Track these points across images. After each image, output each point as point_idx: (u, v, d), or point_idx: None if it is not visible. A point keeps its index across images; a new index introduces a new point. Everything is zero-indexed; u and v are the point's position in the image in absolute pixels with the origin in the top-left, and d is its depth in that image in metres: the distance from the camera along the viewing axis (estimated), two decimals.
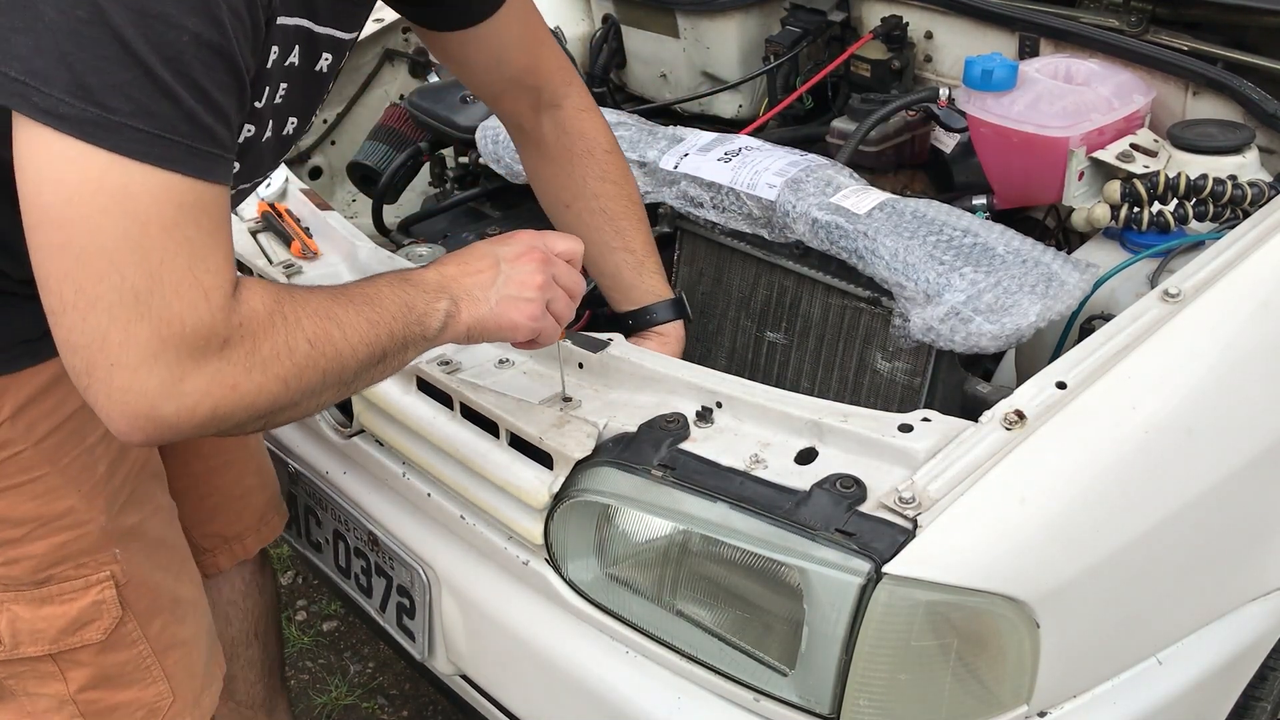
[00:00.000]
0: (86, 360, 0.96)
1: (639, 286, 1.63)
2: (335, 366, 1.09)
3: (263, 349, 1.03)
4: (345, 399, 1.49)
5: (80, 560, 1.36)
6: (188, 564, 1.55)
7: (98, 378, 0.97)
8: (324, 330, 1.08)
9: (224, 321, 1.00)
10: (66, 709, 1.41)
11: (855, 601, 1.14)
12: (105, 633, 1.39)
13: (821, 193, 1.59)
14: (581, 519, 1.35)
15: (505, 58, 1.58)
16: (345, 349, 1.10)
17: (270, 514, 1.83)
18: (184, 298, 0.97)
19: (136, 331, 0.95)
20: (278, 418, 1.09)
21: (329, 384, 1.10)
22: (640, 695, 1.33)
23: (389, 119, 2.29)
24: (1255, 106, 1.68)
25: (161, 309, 0.96)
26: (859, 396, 1.61)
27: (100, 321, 0.95)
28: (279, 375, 1.04)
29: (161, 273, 0.96)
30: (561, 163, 1.62)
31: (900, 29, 2.10)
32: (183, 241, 0.97)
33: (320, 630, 2.70)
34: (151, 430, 0.99)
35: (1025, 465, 1.19)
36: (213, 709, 1.55)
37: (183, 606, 1.50)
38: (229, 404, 1.01)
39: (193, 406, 0.99)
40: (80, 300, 0.95)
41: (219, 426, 1.03)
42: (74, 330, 0.96)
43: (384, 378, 1.20)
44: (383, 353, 1.15)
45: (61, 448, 1.32)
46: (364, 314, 1.13)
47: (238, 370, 1.01)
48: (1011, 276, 1.44)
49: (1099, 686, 1.30)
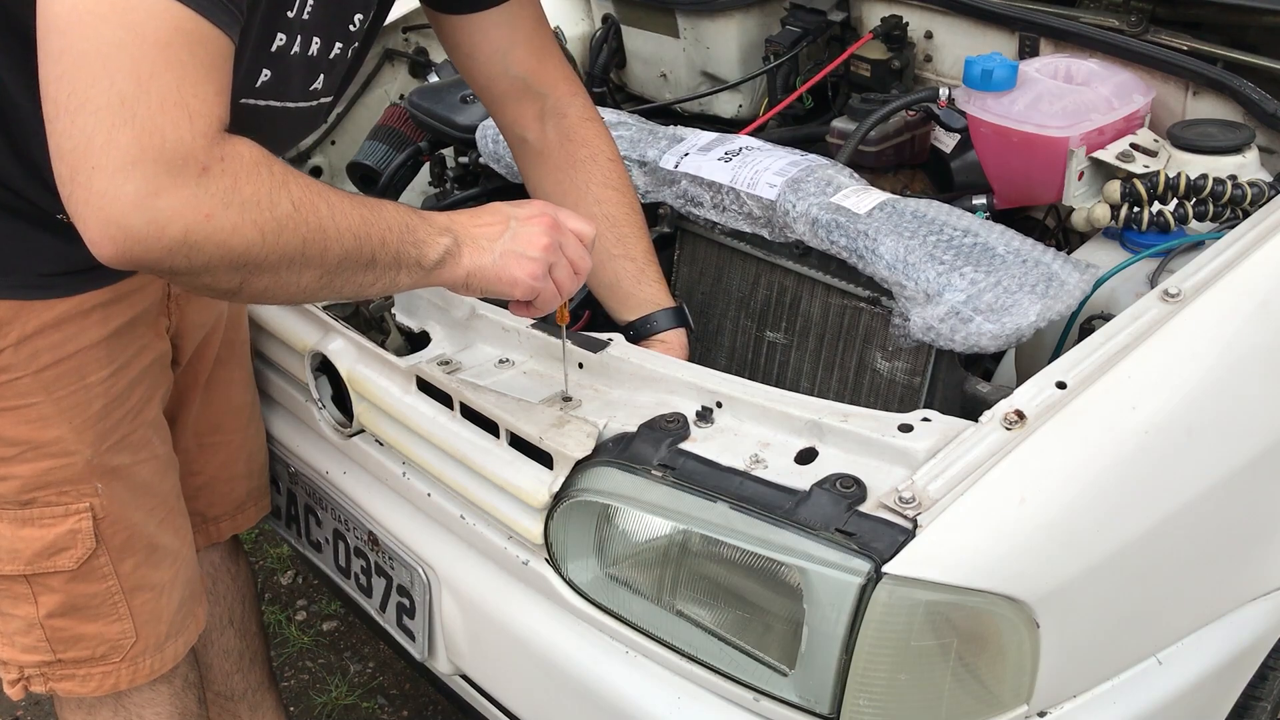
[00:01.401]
0: (71, 164, 0.99)
1: (639, 295, 1.63)
2: (317, 240, 1.10)
3: (243, 190, 1.04)
4: (340, 301, 1.50)
5: (63, 488, 1.44)
6: (176, 516, 1.61)
7: (79, 183, 0.99)
8: (310, 200, 1.10)
9: (205, 148, 1.02)
10: (35, 632, 1.51)
11: (855, 601, 1.14)
12: (78, 562, 1.47)
13: (822, 192, 1.59)
14: (581, 519, 1.35)
15: (512, 55, 1.58)
16: (330, 228, 1.11)
17: (249, 504, 1.88)
18: (168, 113, 1.00)
19: (119, 136, 0.98)
20: (254, 279, 1.09)
21: (310, 259, 1.11)
22: (640, 695, 1.33)
23: (389, 119, 2.29)
24: (1255, 106, 1.68)
25: (145, 119, 0.99)
26: (859, 396, 1.61)
27: (87, 124, 0.98)
28: (256, 222, 1.05)
29: (150, 84, 0.99)
30: (565, 169, 1.63)
31: (900, 29, 2.10)
32: (174, 62, 1.00)
33: (320, 630, 2.70)
34: (121, 240, 1.00)
35: (1025, 465, 1.19)
36: (177, 660, 1.62)
37: (159, 553, 1.56)
38: (201, 233, 1.02)
39: (163, 224, 1.00)
40: (72, 102, 0.99)
41: (190, 258, 1.03)
42: (64, 134, 0.99)
43: (376, 292, 1.21)
44: (371, 256, 1.16)
45: (59, 380, 1.40)
46: (359, 210, 1.15)
47: (214, 201, 1.02)
48: (1011, 276, 1.44)
49: (1099, 686, 1.30)
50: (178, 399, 1.69)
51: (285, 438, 1.86)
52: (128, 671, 1.56)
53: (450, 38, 1.60)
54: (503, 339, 1.55)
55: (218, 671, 1.97)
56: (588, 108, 1.65)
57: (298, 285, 1.13)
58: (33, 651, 1.52)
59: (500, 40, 1.57)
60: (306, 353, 1.68)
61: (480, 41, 1.57)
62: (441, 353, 1.56)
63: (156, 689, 1.63)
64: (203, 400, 1.73)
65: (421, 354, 1.57)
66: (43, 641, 1.51)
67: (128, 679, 1.56)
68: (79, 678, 1.55)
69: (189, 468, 1.73)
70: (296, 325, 1.72)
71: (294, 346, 1.72)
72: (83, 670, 1.54)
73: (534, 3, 1.59)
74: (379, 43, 2.46)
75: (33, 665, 1.53)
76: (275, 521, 1.98)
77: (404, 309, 1.68)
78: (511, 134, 1.68)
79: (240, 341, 1.78)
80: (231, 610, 1.95)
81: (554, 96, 1.63)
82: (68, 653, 1.53)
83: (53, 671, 1.54)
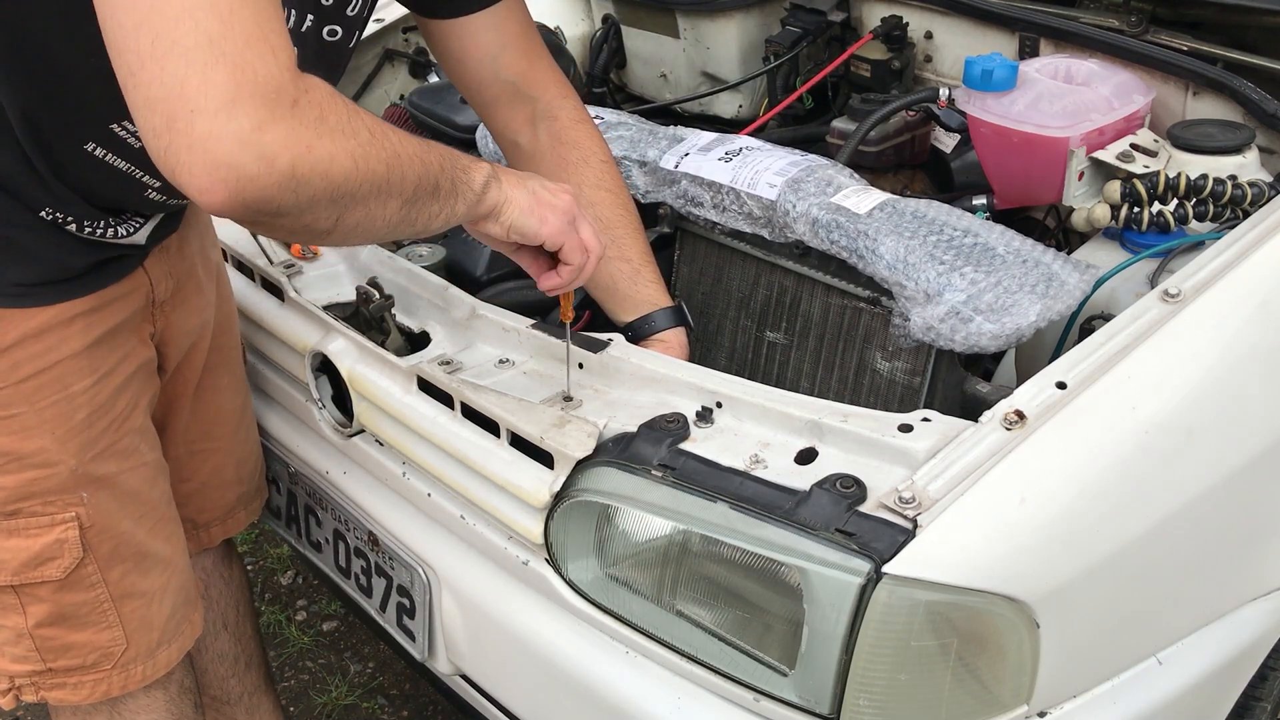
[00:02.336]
0: (166, 113, 0.97)
1: (635, 296, 1.63)
2: (397, 166, 1.11)
3: (329, 119, 1.04)
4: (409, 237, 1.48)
5: (48, 498, 1.43)
6: (167, 523, 1.60)
7: (179, 130, 0.96)
8: (380, 128, 1.10)
9: (292, 80, 1.01)
10: (24, 642, 1.50)
11: (855, 601, 1.14)
12: (65, 571, 1.46)
13: (822, 192, 1.59)
14: (582, 519, 1.35)
15: (501, 59, 1.58)
16: (403, 153, 1.12)
17: (239, 509, 1.88)
18: (254, 48, 0.98)
19: (214, 75, 0.96)
20: (349, 213, 1.09)
21: (393, 186, 1.11)
22: (640, 695, 1.33)
23: (389, 119, 2.29)
24: (1255, 106, 1.68)
25: (235, 55, 0.97)
26: (859, 396, 1.61)
27: (178, 67, 0.96)
28: (347, 149, 1.05)
29: (233, 20, 0.97)
30: (557, 172, 1.62)
31: (900, 29, 2.10)
32: (248, 0, 0.99)
33: (320, 630, 2.70)
34: (233, 182, 0.98)
35: (1025, 465, 1.19)
36: (170, 666, 1.62)
37: (149, 561, 1.55)
38: (306, 164, 1.01)
39: (272, 158, 0.98)
40: (157, 48, 0.96)
41: (297, 193, 1.02)
42: (153, 82, 0.96)
43: (439, 225, 1.21)
44: (436, 181, 1.17)
45: (41, 390, 1.39)
46: (413, 140, 1.15)
47: (310, 131, 1.01)
48: (1011, 276, 1.44)
49: (1099, 686, 1.30)
50: (167, 406, 1.69)
51: (285, 438, 1.86)
52: (119, 678, 1.56)
53: (439, 44, 1.61)
54: (503, 339, 1.55)
55: (213, 676, 1.96)
56: (579, 110, 1.66)
57: (384, 218, 1.13)
58: (23, 661, 1.51)
59: (488, 44, 1.57)
60: (307, 353, 1.68)
61: (469, 46, 1.58)
62: (442, 353, 1.56)
63: (151, 695, 1.63)
64: (192, 407, 1.73)
65: (422, 354, 1.57)
66: (32, 651, 1.51)
67: (119, 686, 1.56)
68: (70, 686, 1.54)
69: (179, 474, 1.72)
70: (297, 325, 1.72)
71: (294, 346, 1.72)
72: (74, 678, 1.54)
73: (521, 6, 1.59)
74: (379, 43, 2.46)
75: (23, 675, 1.53)
76: (275, 521, 1.98)
77: (404, 309, 1.68)
78: (503, 138, 1.69)
79: (230, 347, 1.78)
80: (225, 615, 1.95)
81: (544, 100, 1.63)
82: (58, 661, 1.52)
83: (44, 680, 1.53)
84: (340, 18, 1.36)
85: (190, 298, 1.63)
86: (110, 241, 1.43)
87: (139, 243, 1.46)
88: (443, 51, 1.61)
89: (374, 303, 1.64)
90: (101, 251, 1.43)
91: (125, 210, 1.43)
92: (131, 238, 1.45)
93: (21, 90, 1.27)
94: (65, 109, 1.28)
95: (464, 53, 1.59)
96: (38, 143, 1.31)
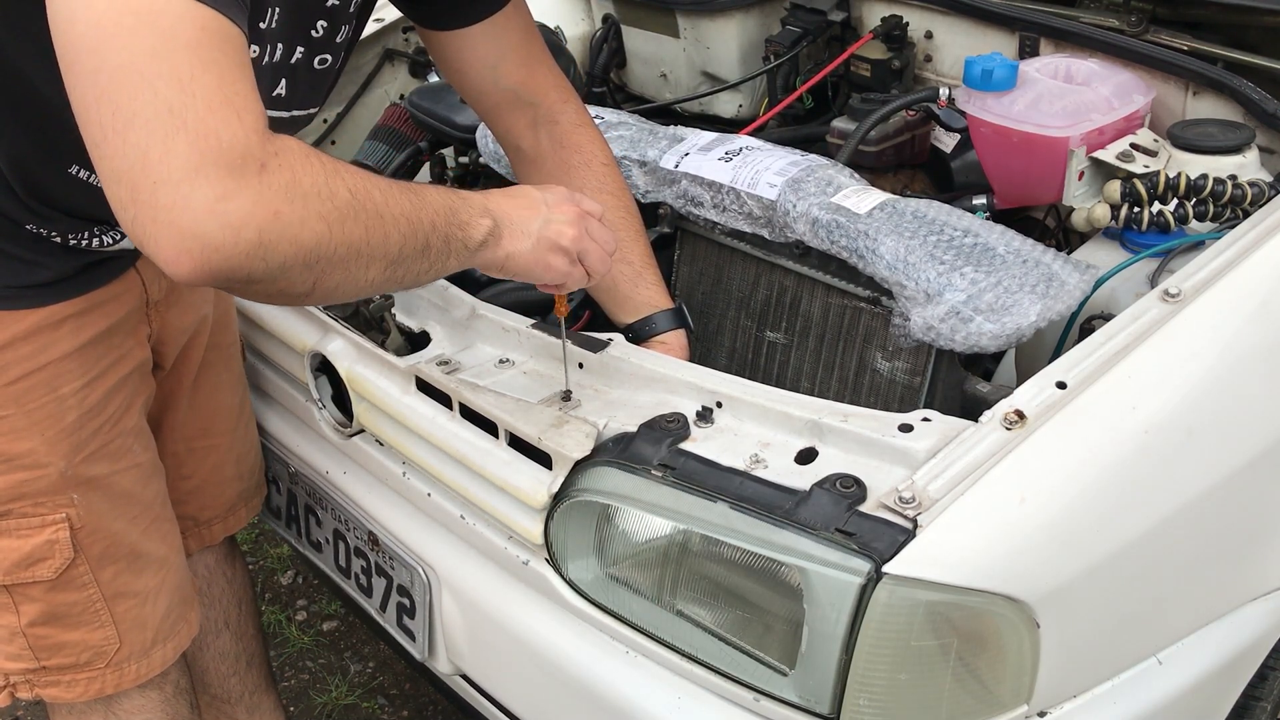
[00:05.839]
0: (130, 185, 0.96)
1: (635, 298, 1.63)
2: (378, 228, 1.08)
3: (303, 182, 1.01)
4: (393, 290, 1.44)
5: (37, 500, 1.44)
6: (162, 523, 1.61)
7: (143, 201, 0.95)
8: (364, 187, 1.07)
9: (259, 144, 0.99)
10: (17, 641, 1.51)
11: (855, 601, 1.14)
12: (56, 572, 1.47)
13: (822, 192, 1.59)
14: (581, 519, 1.35)
15: (501, 68, 1.58)
16: (387, 213, 1.08)
17: (240, 506, 1.88)
18: (217, 113, 0.96)
19: (175, 145, 0.95)
20: (326, 276, 1.06)
21: (374, 248, 1.08)
22: (640, 695, 1.33)
23: (389, 119, 2.29)
24: (1255, 106, 1.68)
25: (197, 122, 0.95)
26: (859, 396, 1.61)
27: (139, 138, 0.95)
28: (321, 213, 1.02)
29: (193, 87, 0.96)
30: (559, 175, 1.63)
31: (900, 29, 2.10)
32: (209, 61, 0.98)
33: (320, 630, 2.70)
34: (199, 252, 0.96)
35: (1025, 465, 1.19)
36: (165, 665, 1.62)
37: (143, 560, 1.56)
38: (274, 233, 0.99)
39: (238, 227, 0.96)
40: (118, 120, 0.95)
41: (266, 260, 1.00)
42: (116, 154, 0.96)
43: (430, 278, 1.19)
44: (426, 241, 1.13)
45: (31, 393, 1.39)
46: (407, 195, 1.12)
47: (279, 197, 0.99)
48: (1012, 276, 1.44)
49: (1099, 686, 1.30)
50: (163, 403, 1.69)
51: (285, 438, 1.86)
52: (113, 677, 1.56)
53: (440, 53, 1.61)
54: (503, 339, 1.55)
55: (214, 675, 1.96)
56: (580, 114, 1.66)
57: (367, 279, 1.10)
58: (16, 659, 1.52)
59: (489, 54, 1.57)
60: (306, 353, 1.68)
61: (469, 56, 1.58)
62: (441, 353, 1.56)
63: (147, 695, 1.63)
64: (189, 404, 1.73)
65: (421, 354, 1.57)
66: (26, 649, 1.52)
67: (113, 684, 1.57)
68: (64, 683, 1.55)
69: (178, 472, 1.73)
70: (296, 325, 1.72)
71: (294, 346, 1.72)
72: (67, 676, 1.55)
73: (522, 13, 1.59)
74: (379, 43, 2.46)
75: (17, 672, 1.54)
76: (275, 521, 1.98)
77: (404, 309, 1.68)
78: (506, 143, 1.69)
79: (228, 344, 1.78)
80: (227, 613, 1.95)
81: (545, 105, 1.63)
82: (51, 660, 1.53)
83: (37, 678, 1.54)
84: (330, 46, 1.36)
85: (185, 295, 1.63)
86: (97, 249, 1.43)
87: (127, 248, 1.46)
88: (443, 61, 1.61)
89: (374, 302, 1.64)
90: (90, 255, 1.44)
91: (110, 221, 1.42)
92: (119, 244, 1.45)
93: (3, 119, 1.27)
94: (48, 136, 1.28)
95: (464, 63, 1.59)
96: (20, 168, 1.31)
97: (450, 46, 1.58)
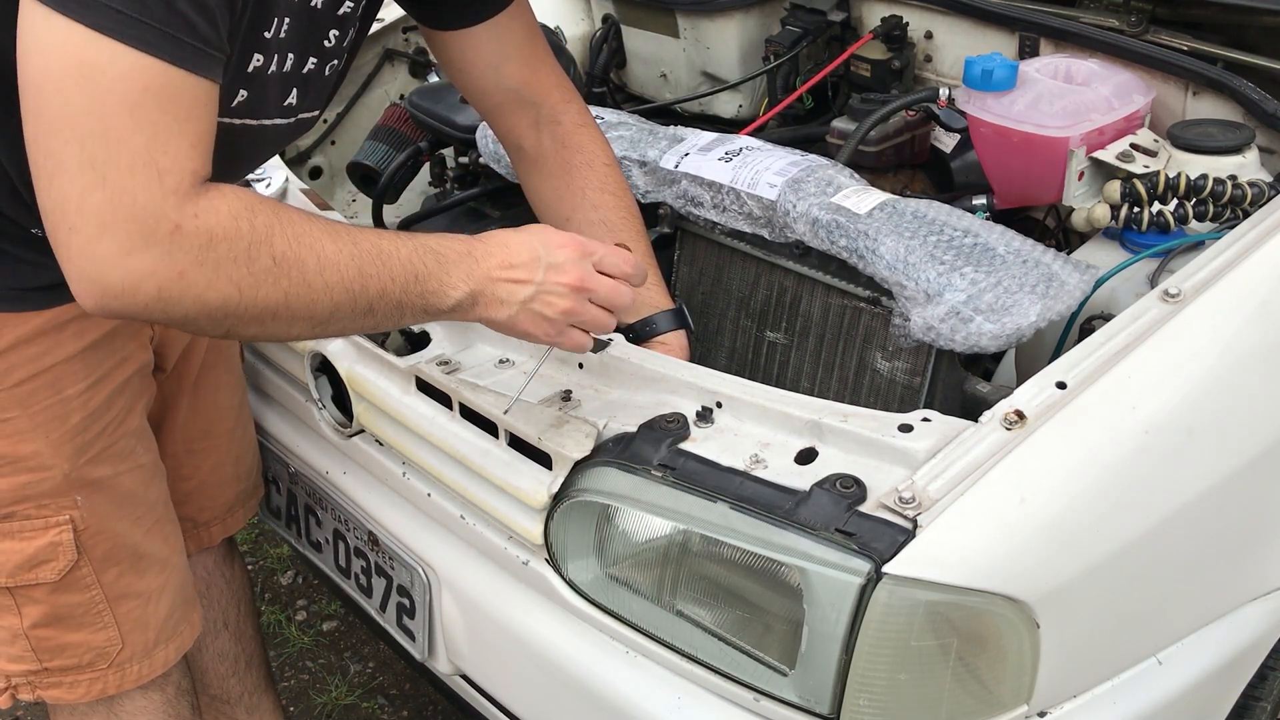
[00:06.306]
0: (53, 223, 1.04)
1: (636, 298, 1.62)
2: (301, 295, 1.11)
3: (218, 247, 1.06)
4: (335, 337, 1.50)
5: (41, 502, 1.44)
6: (164, 524, 1.61)
7: (60, 240, 1.03)
8: (296, 254, 1.10)
9: (175, 207, 1.03)
10: (20, 643, 1.51)
11: (855, 601, 1.14)
12: (59, 574, 1.47)
13: (822, 193, 1.59)
14: (581, 519, 1.35)
15: (504, 68, 1.59)
16: (317, 282, 1.12)
17: (238, 507, 1.88)
18: (137, 175, 1.01)
19: (91, 200, 1.01)
20: (239, 328, 1.12)
21: (295, 312, 1.12)
22: (640, 695, 1.33)
23: (389, 119, 2.29)
24: (1255, 106, 1.68)
25: (115, 182, 1.01)
26: (859, 396, 1.61)
27: (63, 187, 1.02)
28: (232, 279, 1.07)
29: (118, 148, 1.01)
30: (561, 175, 1.63)
31: (900, 29, 2.10)
32: (145, 123, 1.02)
33: (320, 630, 2.70)
34: (99, 295, 1.04)
35: (1025, 465, 1.19)
36: (167, 666, 1.62)
37: (146, 561, 1.56)
38: (175, 291, 1.05)
39: (137, 282, 1.03)
40: (49, 165, 1.02)
41: (167, 312, 1.06)
42: (44, 194, 1.03)
43: (379, 329, 1.23)
44: (368, 306, 1.16)
45: (35, 395, 1.40)
46: (357, 262, 1.14)
47: (187, 259, 1.04)
48: (1012, 276, 1.44)
49: (1099, 686, 1.30)
50: (164, 404, 1.69)
51: (285, 438, 1.86)
52: (115, 678, 1.56)
53: (442, 53, 1.61)
54: (503, 339, 1.55)
55: (213, 675, 1.96)
56: (582, 114, 1.66)
57: (289, 333, 1.16)
58: (19, 661, 1.52)
59: (491, 54, 1.57)
60: (306, 353, 1.68)
61: (472, 57, 1.58)
62: (441, 353, 1.56)
63: (149, 696, 1.63)
64: (190, 405, 1.73)
65: (421, 354, 1.57)
66: (28, 651, 1.52)
67: (115, 685, 1.57)
68: (66, 685, 1.55)
69: (178, 473, 1.73)
70: None
71: (294, 347, 1.72)
72: (69, 677, 1.55)
73: (524, 13, 1.59)
74: (379, 43, 2.46)
75: (19, 674, 1.54)
76: (275, 521, 1.98)
77: None
78: (508, 142, 1.69)
79: (228, 345, 1.78)
80: (226, 614, 1.95)
81: (548, 105, 1.63)
82: (54, 661, 1.53)
83: (40, 680, 1.54)
84: (339, 53, 1.37)
85: None
86: None
87: None
88: (446, 61, 1.62)
89: None
90: None
91: None
92: None
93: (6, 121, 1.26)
94: None
95: (466, 63, 1.59)
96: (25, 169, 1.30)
97: (453, 47, 1.58)
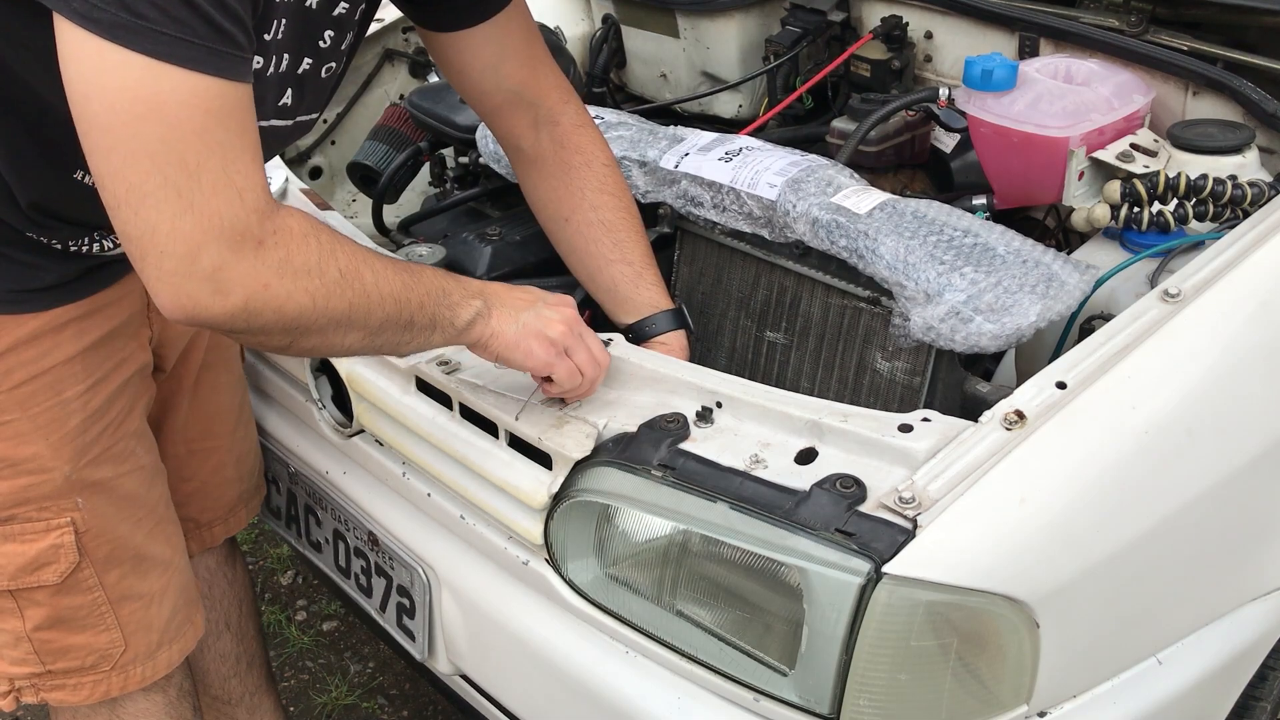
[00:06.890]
0: (141, 249, 1.08)
1: (636, 299, 1.63)
2: (361, 305, 1.18)
3: (295, 260, 1.12)
4: (371, 354, 1.56)
5: (42, 504, 1.44)
6: (166, 525, 1.61)
7: (150, 263, 1.08)
8: (355, 268, 1.18)
9: (258, 223, 1.10)
10: (22, 645, 1.51)
11: (855, 601, 1.14)
12: (61, 576, 1.47)
13: (822, 193, 1.59)
14: (581, 519, 1.35)
15: (503, 69, 1.59)
16: (374, 293, 1.19)
17: (240, 507, 1.88)
18: (220, 195, 1.07)
19: (181, 225, 1.06)
20: (303, 339, 1.18)
21: (354, 321, 1.19)
22: (640, 695, 1.33)
23: (389, 119, 2.29)
24: (1255, 106, 1.68)
25: (201, 204, 1.06)
26: (859, 396, 1.61)
27: (149, 215, 1.06)
28: (308, 289, 1.13)
29: (199, 173, 1.06)
30: (560, 176, 1.63)
31: (900, 29, 2.10)
32: (214, 145, 1.07)
33: (320, 630, 2.70)
34: (190, 309, 1.10)
35: (1025, 465, 1.19)
36: (170, 667, 1.63)
37: (148, 563, 1.56)
38: (259, 301, 1.11)
39: (227, 294, 1.09)
40: (132, 197, 1.06)
41: (250, 322, 1.12)
42: (128, 223, 1.08)
43: (409, 350, 1.30)
44: (410, 319, 1.24)
45: (34, 397, 1.40)
46: (400, 275, 1.23)
47: (270, 271, 1.11)
48: (1012, 276, 1.44)
49: (1099, 686, 1.30)
50: (164, 405, 1.69)
51: (285, 438, 1.86)
52: (118, 679, 1.56)
53: (441, 54, 1.61)
54: None
55: (214, 676, 1.96)
56: (581, 114, 1.66)
57: (342, 344, 1.21)
58: (22, 664, 1.52)
59: (490, 55, 1.57)
60: None
61: (470, 58, 1.58)
62: (441, 353, 1.56)
63: (151, 698, 1.63)
64: (190, 406, 1.73)
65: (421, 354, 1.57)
66: (31, 654, 1.51)
67: (118, 687, 1.57)
68: (69, 687, 1.55)
69: (179, 474, 1.73)
70: None
71: None
72: (73, 680, 1.55)
73: (523, 14, 1.59)
74: (379, 43, 2.46)
75: (23, 677, 1.53)
76: (275, 521, 1.98)
77: None
78: (507, 143, 1.69)
79: (227, 344, 1.78)
80: (228, 614, 1.95)
81: (546, 105, 1.63)
82: (57, 664, 1.53)
83: (43, 682, 1.54)
84: (335, 54, 1.37)
85: None
86: (97, 254, 1.44)
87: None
88: (444, 62, 1.61)
89: None
90: (91, 260, 1.44)
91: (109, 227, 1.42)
92: (119, 249, 1.45)
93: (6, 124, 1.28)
94: (53, 143, 1.29)
95: (465, 64, 1.59)
96: (23, 174, 1.32)
97: (451, 48, 1.58)
